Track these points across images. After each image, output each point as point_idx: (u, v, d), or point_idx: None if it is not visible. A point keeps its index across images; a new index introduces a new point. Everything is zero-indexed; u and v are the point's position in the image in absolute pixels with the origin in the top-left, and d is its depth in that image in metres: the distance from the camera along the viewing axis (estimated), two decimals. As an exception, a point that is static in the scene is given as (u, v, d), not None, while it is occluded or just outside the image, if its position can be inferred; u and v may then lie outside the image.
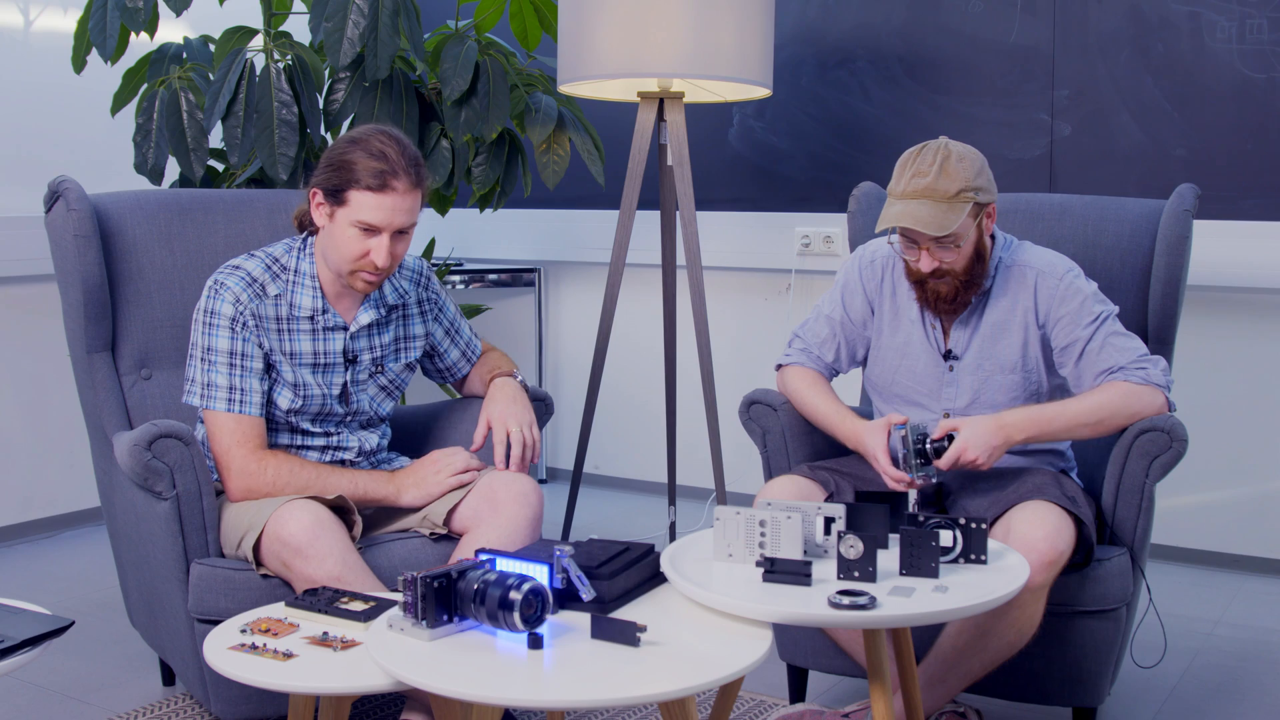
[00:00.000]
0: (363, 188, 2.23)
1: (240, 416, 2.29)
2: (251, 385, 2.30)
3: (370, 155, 2.24)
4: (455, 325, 2.58)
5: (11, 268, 3.68)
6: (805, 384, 2.51)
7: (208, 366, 2.30)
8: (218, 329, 2.30)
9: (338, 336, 2.38)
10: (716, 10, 2.98)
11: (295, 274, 2.35)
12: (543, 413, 2.64)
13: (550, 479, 4.59)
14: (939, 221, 2.24)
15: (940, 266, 2.31)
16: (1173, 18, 3.42)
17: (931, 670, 2.22)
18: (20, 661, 1.66)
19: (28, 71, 3.80)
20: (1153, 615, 2.60)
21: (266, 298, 2.33)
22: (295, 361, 2.34)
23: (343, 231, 2.27)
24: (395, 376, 2.48)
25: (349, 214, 2.25)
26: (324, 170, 2.29)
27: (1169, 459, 2.26)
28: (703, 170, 3.92)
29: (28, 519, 3.80)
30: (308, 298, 2.35)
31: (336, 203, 2.26)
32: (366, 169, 2.23)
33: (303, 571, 2.13)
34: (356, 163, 2.24)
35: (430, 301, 2.52)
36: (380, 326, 2.43)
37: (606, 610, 1.81)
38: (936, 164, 2.26)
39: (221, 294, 2.30)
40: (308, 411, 2.38)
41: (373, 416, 2.48)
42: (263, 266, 2.35)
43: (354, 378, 2.41)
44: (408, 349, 2.49)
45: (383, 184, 2.23)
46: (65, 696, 2.62)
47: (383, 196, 2.23)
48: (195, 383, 2.31)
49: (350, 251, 2.27)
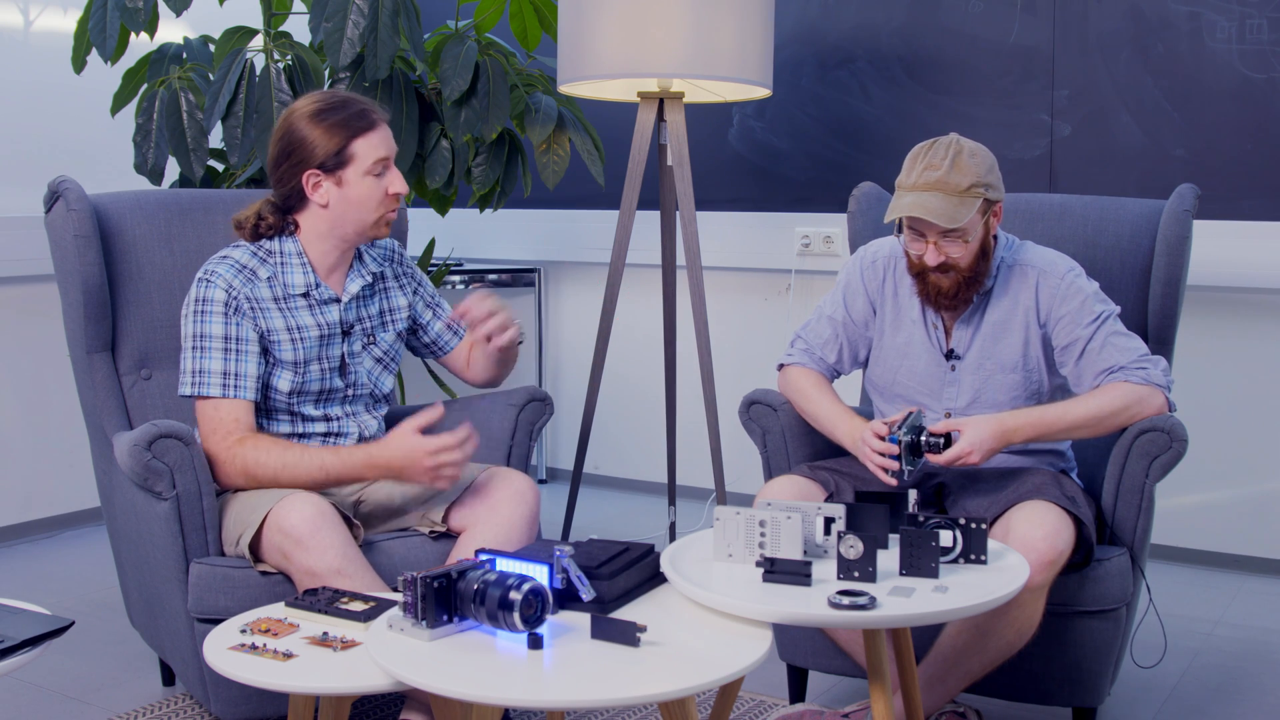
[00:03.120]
0: (361, 133, 2.32)
1: (231, 401, 2.29)
2: (246, 370, 2.31)
3: (336, 109, 2.33)
4: (436, 299, 2.62)
5: (11, 268, 3.68)
6: (806, 384, 2.51)
7: (200, 354, 2.30)
8: (210, 315, 2.31)
9: (333, 308, 2.41)
10: (716, 10, 2.98)
11: (282, 255, 2.38)
12: (542, 413, 2.64)
13: (550, 479, 4.59)
14: (950, 214, 2.24)
15: (945, 261, 2.31)
16: (1173, 18, 3.42)
17: (931, 670, 2.22)
18: (20, 661, 1.66)
19: (28, 71, 3.80)
20: (1152, 615, 2.60)
21: (259, 280, 2.35)
22: (299, 335, 2.36)
23: (359, 185, 2.33)
24: (389, 347, 2.52)
25: (359, 165, 2.32)
26: (298, 153, 2.31)
27: (1169, 459, 2.26)
28: (703, 170, 3.92)
29: (28, 519, 3.80)
30: (299, 275, 2.38)
31: (340, 166, 2.32)
32: (349, 118, 2.32)
33: (303, 563, 2.13)
34: (336, 123, 2.31)
35: (406, 275, 2.57)
36: (367, 298, 2.47)
37: (606, 610, 1.81)
38: (949, 158, 2.26)
39: (213, 281, 2.32)
40: (309, 391, 2.39)
41: (374, 392, 2.50)
42: (249, 253, 2.38)
43: (350, 349, 2.44)
44: (394, 320, 2.53)
45: (370, 121, 2.34)
46: (65, 696, 2.62)
47: (376, 130, 2.34)
48: (186, 372, 2.32)
49: (374, 198, 2.35)
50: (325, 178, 2.33)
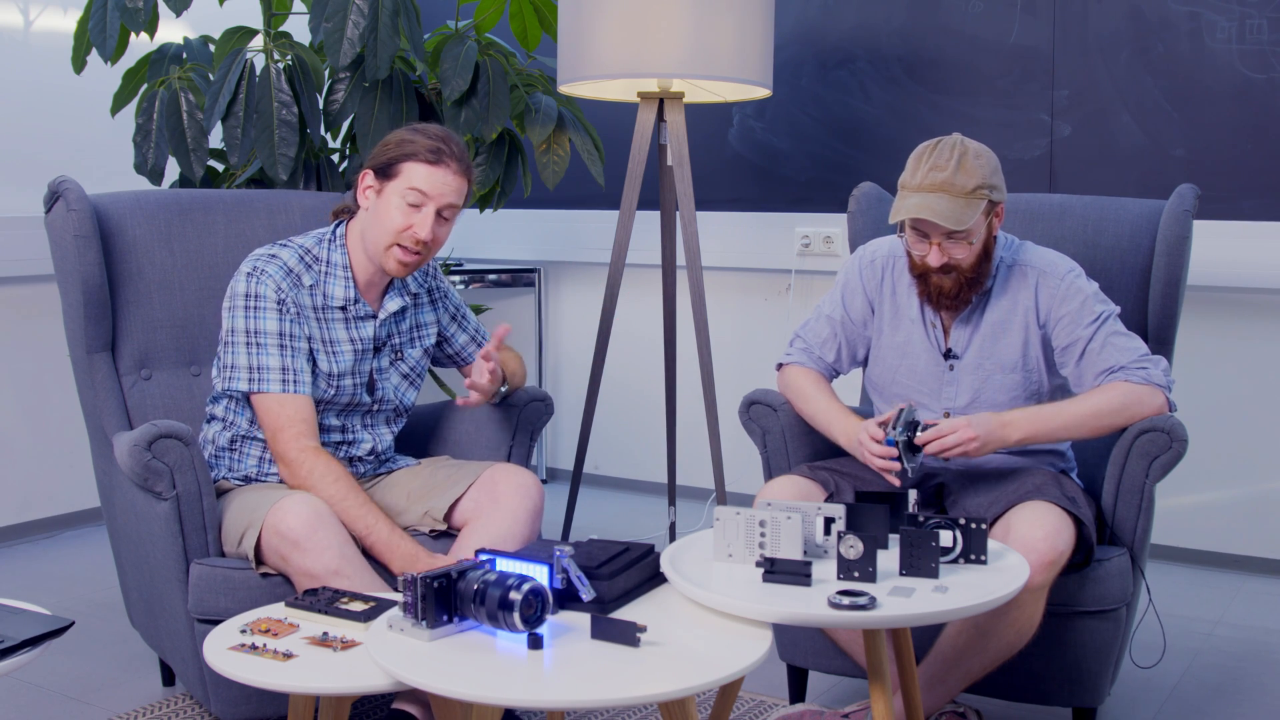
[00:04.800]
0: (418, 160, 2.32)
1: (294, 397, 2.31)
2: (302, 365, 2.33)
3: (428, 137, 2.34)
4: (461, 311, 2.63)
5: (11, 268, 3.68)
6: (805, 383, 2.51)
7: (255, 350, 2.31)
8: (264, 311, 2.32)
9: (368, 325, 2.42)
10: (716, 10, 2.98)
11: (327, 264, 2.39)
12: (542, 413, 2.64)
13: (550, 479, 4.59)
14: (956, 216, 2.24)
15: (949, 262, 2.30)
16: (1173, 18, 3.42)
17: (931, 670, 2.22)
18: (20, 661, 1.66)
19: (28, 71, 3.80)
20: (1152, 615, 2.60)
21: (302, 287, 2.36)
22: (333, 349, 2.37)
23: (390, 204, 2.32)
24: (415, 363, 2.52)
25: (399, 184, 2.32)
26: (379, 151, 2.36)
27: (1169, 459, 2.26)
28: (703, 170, 3.92)
29: (28, 519, 3.80)
30: (340, 288, 2.39)
31: (387, 177, 2.33)
32: (424, 145, 2.32)
33: (300, 565, 2.13)
34: (415, 141, 2.33)
35: (438, 290, 2.58)
36: (401, 314, 2.48)
37: (606, 610, 1.81)
38: (954, 159, 2.25)
39: (263, 279, 2.33)
40: (337, 403, 2.40)
41: (398, 406, 2.51)
42: (296, 257, 2.38)
43: (379, 366, 2.44)
44: (422, 336, 2.54)
45: (438, 159, 2.32)
46: (65, 696, 2.62)
47: (435, 169, 2.32)
48: (239, 368, 2.32)
49: (394, 223, 2.32)
50: (375, 183, 2.35)
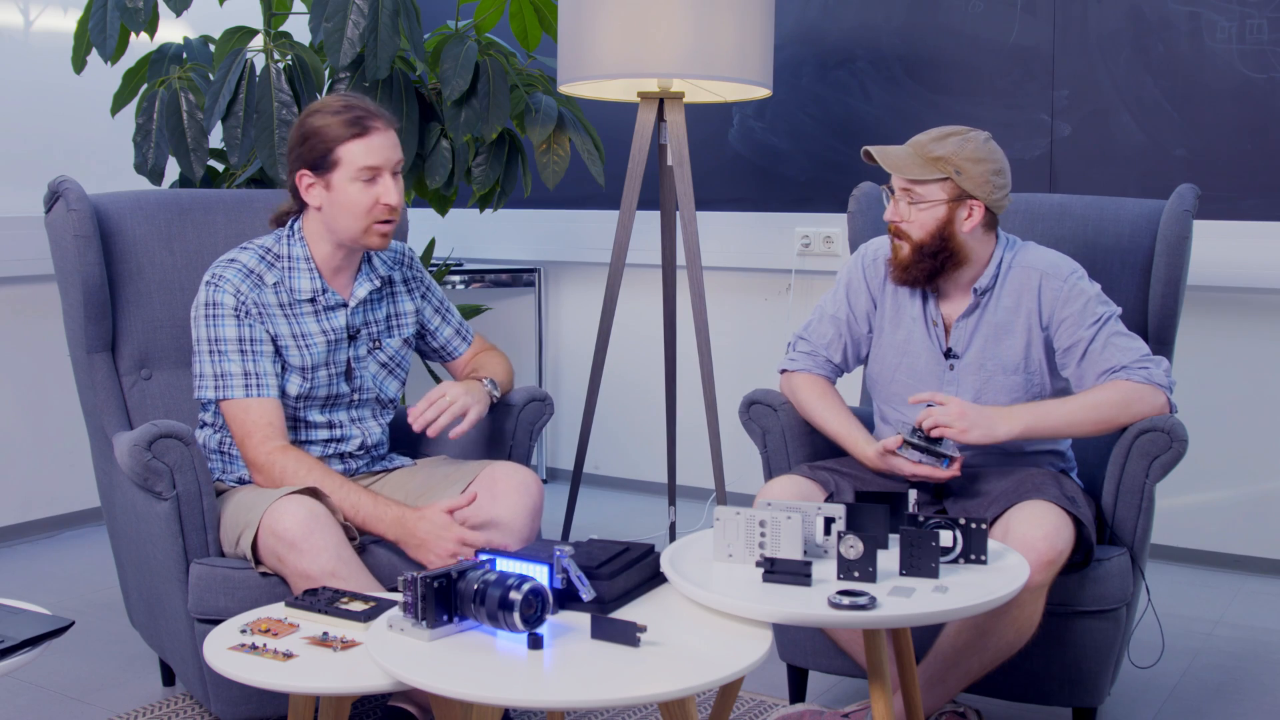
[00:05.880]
0: (348, 141, 2.28)
1: (259, 400, 2.30)
2: (265, 369, 2.32)
3: (334, 112, 2.30)
4: (445, 305, 2.61)
5: (11, 268, 3.68)
6: (814, 395, 2.51)
7: (218, 357, 2.31)
8: (223, 319, 2.31)
9: (339, 313, 2.41)
10: (716, 10, 2.98)
11: (289, 260, 2.38)
12: (543, 413, 2.64)
13: (550, 479, 4.59)
14: (902, 164, 2.34)
15: (897, 222, 2.36)
16: (1173, 18, 3.42)
17: (931, 670, 2.22)
18: (20, 661, 1.66)
19: (28, 71, 3.80)
20: (1152, 615, 2.60)
21: (265, 286, 2.35)
22: (305, 342, 2.37)
23: (346, 191, 2.30)
24: (394, 353, 2.51)
25: (345, 172, 2.29)
26: (297, 150, 2.32)
27: (1169, 459, 2.26)
28: (703, 170, 3.92)
29: (28, 519, 3.80)
30: (305, 280, 2.38)
31: (327, 169, 2.30)
32: (339, 123, 2.28)
33: (296, 566, 2.13)
34: (327, 125, 2.29)
35: (416, 280, 2.56)
36: (374, 302, 2.47)
37: (606, 610, 1.81)
38: (949, 134, 2.33)
39: (221, 286, 2.32)
40: (316, 396, 2.40)
41: (379, 397, 2.50)
42: (256, 257, 2.38)
43: (355, 353, 2.44)
44: (400, 325, 2.53)
45: (363, 128, 2.29)
46: (65, 696, 2.62)
47: (369, 138, 2.29)
48: (206, 376, 2.32)
49: (361, 205, 2.30)
50: (316, 180, 2.32)
